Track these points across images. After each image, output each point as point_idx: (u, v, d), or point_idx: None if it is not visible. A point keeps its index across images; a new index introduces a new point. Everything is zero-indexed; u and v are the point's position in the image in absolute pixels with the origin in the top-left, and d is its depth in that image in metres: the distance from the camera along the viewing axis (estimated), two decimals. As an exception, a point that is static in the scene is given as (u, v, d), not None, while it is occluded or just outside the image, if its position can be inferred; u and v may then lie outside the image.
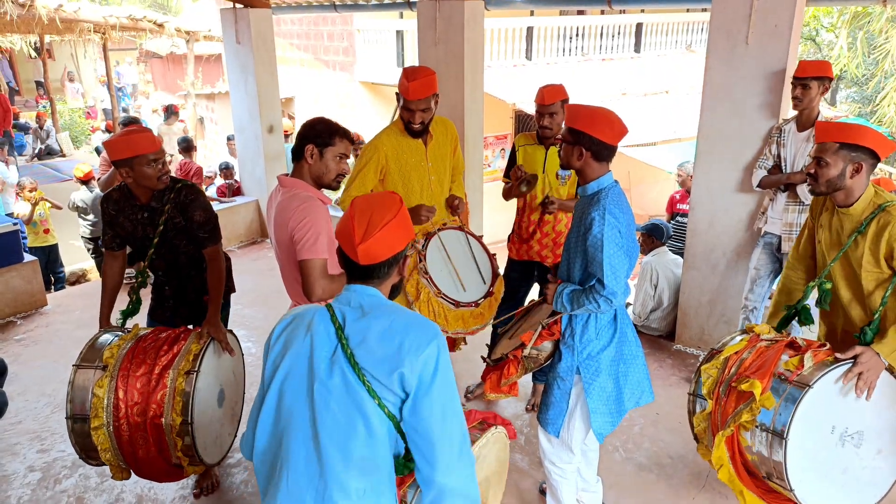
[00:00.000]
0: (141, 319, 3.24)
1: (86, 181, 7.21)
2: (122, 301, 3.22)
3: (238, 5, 6.64)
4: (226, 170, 7.93)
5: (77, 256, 8.47)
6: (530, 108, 10.71)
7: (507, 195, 3.75)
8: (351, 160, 5.55)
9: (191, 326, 3.06)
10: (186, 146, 8.04)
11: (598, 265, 2.34)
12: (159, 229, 2.95)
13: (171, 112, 11.17)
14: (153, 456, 2.69)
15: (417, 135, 3.22)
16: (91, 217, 7.08)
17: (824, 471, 2.30)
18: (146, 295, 3.20)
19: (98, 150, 12.05)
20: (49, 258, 7.20)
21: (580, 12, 13.37)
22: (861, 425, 2.31)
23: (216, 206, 6.50)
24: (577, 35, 12.58)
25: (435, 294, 3.07)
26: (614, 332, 2.53)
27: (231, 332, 3.07)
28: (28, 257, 5.62)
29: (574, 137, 2.39)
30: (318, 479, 1.61)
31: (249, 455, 1.75)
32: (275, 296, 3.90)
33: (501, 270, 3.55)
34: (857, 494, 2.36)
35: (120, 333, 2.89)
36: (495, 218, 7.55)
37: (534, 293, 3.96)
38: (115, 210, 3.00)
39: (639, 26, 13.24)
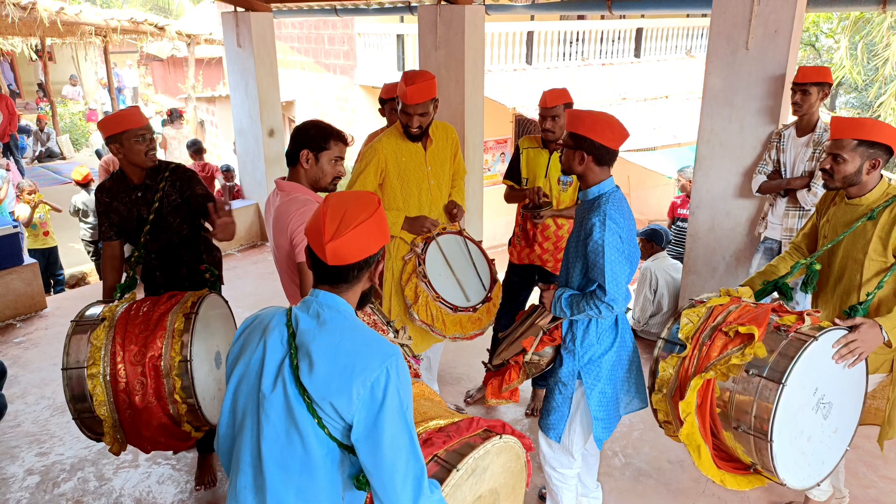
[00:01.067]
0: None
1: (84, 184, 7.22)
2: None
3: (239, 9, 6.65)
4: (226, 172, 7.94)
5: (77, 259, 8.48)
6: (530, 113, 10.74)
7: (509, 198, 3.75)
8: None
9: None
10: (197, 149, 8.02)
11: (599, 271, 2.34)
12: (154, 206, 2.99)
13: (175, 115, 11.19)
14: (152, 406, 2.65)
15: (416, 139, 3.23)
16: (90, 219, 7.07)
17: (795, 433, 2.24)
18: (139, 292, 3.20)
19: (98, 154, 12.05)
20: (48, 260, 7.20)
21: (580, 17, 13.40)
22: (833, 397, 2.26)
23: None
24: (577, 40, 12.60)
25: (433, 298, 3.07)
26: (615, 337, 2.53)
27: (224, 299, 3.07)
28: (28, 259, 5.62)
29: (576, 142, 2.40)
30: (259, 493, 1.57)
31: (219, 451, 1.73)
32: (275, 299, 3.89)
33: (501, 276, 3.55)
34: (808, 468, 2.28)
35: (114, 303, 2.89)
36: (495, 222, 7.56)
37: (535, 297, 3.96)
38: (108, 197, 3.04)
39: (639, 31, 13.27)
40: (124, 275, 3.19)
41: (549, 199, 3.47)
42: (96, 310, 2.82)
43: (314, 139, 2.52)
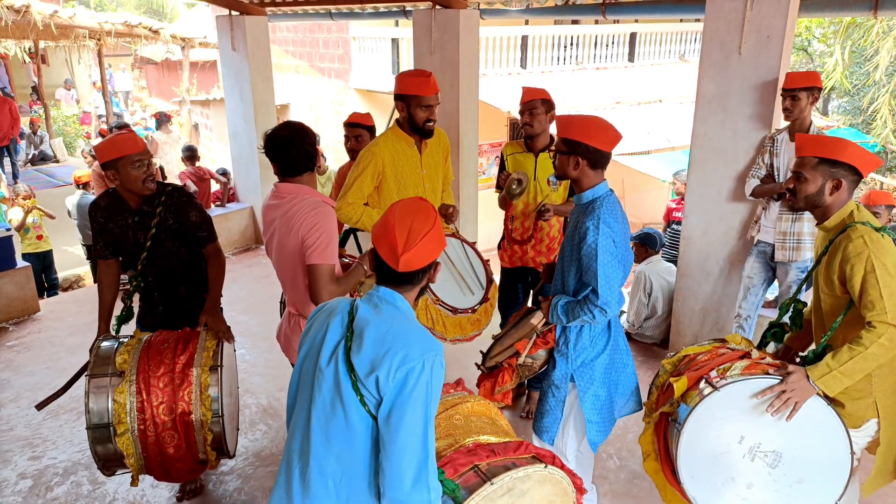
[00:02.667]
0: (131, 327, 3.22)
1: (80, 185, 7.20)
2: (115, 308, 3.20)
3: (234, 12, 6.65)
4: (223, 174, 7.92)
5: (71, 262, 8.45)
6: (525, 117, 10.75)
7: (503, 204, 3.77)
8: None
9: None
10: (190, 154, 7.97)
11: (593, 275, 2.35)
12: (151, 232, 2.94)
13: (164, 119, 11.13)
14: (183, 452, 2.71)
15: (430, 134, 3.25)
16: (76, 221, 7.05)
17: (723, 479, 2.29)
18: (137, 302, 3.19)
19: (94, 154, 11.97)
20: (44, 264, 7.17)
21: (575, 21, 13.44)
22: (778, 446, 2.26)
23: (211, 212, 6.49)
24: (571, 44, 12.64)
25: (433, 301, 3.08)
26: (608, 340, 2.54)
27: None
28: (21, 263, 5.60)
29: (569, 147, 2.40)
30: (304, 455, 1.72)
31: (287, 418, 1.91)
32: (269, 302, 3.90)
33: (496, 277, 3.56)
34: None
35: (121, 340, 2.86)
36: (489, 225, 7.56)
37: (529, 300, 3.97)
38: (103, 217, 2.99)
39: (633, 36, 13.33)
40: (121, 301, 3.17)
41: (518, 174, 3.54)
42: (106, 346, 2.80)
43: (315, 143, 2.57)
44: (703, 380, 2.33)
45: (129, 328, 3.16)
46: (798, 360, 2.44)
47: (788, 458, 2.27)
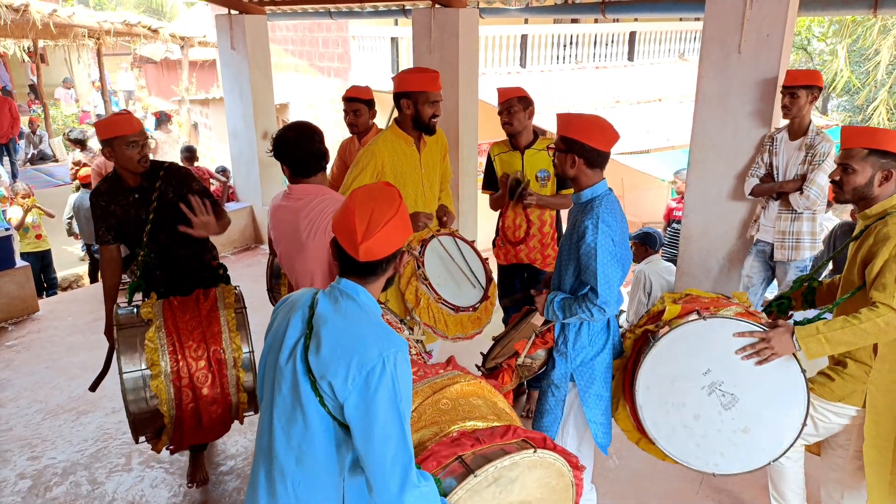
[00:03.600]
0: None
1: (84, 185, 7.21)
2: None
3: (233, 11, 6.65)
4: (222, 173, 7.92)
5: (70, 261, 8.45)
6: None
7: (495, 205, 3.78)
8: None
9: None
10: (189, 155, 7.95)
11: (592, 274, 2.35)
12: (153, 206, 2.99)
13: (164, 118, 11.13)
14: (218, 397, 2.72)
15: (433, 131, 3.26)
16: (66, 220, 7.06)
17: (675, 402, 2.33)
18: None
19: (70, 138, 11.84)
20: (43, 263, 7.17)
21: (574, 20, 13.44)
22: (739, 391, 2.28)
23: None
24: (571, 43, 12.65)
25: (435, 300, 3.08)
26: (607, 339, 2.54)
27: (237, 287, 3.07)
28: (20, 263, 5.59)
29: (567, 145, 2.41)
30: (269, 456, 1.69)
31: None
32: (269, 302, 3.90)
33: (494, 275, 3.57)
34: (697, 449, 2.34)
35: (137, 304, 2.90)
36: (488, 224, 7.57)
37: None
38: (104, 201, 3.03)
39: (632, 35, 13.33)
40: (128, 277, 3.19)
41: (522, 177, 3.51)
42: (125, 311, 2.84)
43: (324, 142, 2.59)
44: (696, 311, 2.36)
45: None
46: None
47: (743, 406, 2.28)
